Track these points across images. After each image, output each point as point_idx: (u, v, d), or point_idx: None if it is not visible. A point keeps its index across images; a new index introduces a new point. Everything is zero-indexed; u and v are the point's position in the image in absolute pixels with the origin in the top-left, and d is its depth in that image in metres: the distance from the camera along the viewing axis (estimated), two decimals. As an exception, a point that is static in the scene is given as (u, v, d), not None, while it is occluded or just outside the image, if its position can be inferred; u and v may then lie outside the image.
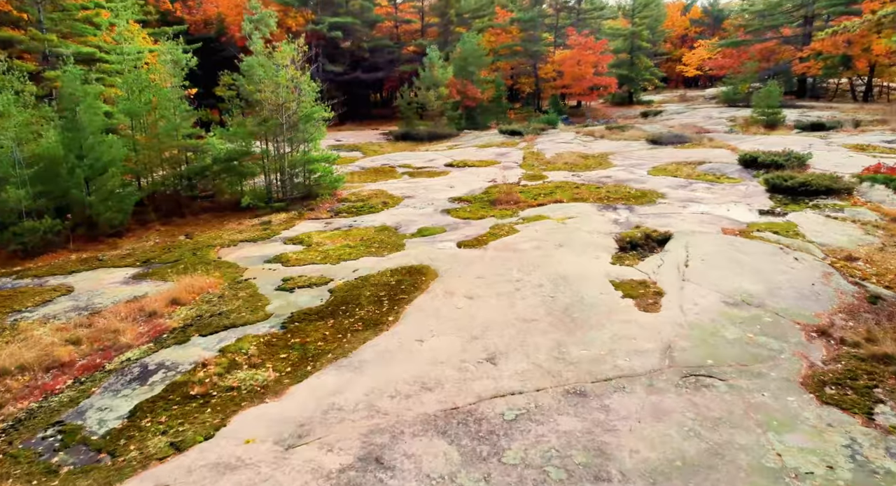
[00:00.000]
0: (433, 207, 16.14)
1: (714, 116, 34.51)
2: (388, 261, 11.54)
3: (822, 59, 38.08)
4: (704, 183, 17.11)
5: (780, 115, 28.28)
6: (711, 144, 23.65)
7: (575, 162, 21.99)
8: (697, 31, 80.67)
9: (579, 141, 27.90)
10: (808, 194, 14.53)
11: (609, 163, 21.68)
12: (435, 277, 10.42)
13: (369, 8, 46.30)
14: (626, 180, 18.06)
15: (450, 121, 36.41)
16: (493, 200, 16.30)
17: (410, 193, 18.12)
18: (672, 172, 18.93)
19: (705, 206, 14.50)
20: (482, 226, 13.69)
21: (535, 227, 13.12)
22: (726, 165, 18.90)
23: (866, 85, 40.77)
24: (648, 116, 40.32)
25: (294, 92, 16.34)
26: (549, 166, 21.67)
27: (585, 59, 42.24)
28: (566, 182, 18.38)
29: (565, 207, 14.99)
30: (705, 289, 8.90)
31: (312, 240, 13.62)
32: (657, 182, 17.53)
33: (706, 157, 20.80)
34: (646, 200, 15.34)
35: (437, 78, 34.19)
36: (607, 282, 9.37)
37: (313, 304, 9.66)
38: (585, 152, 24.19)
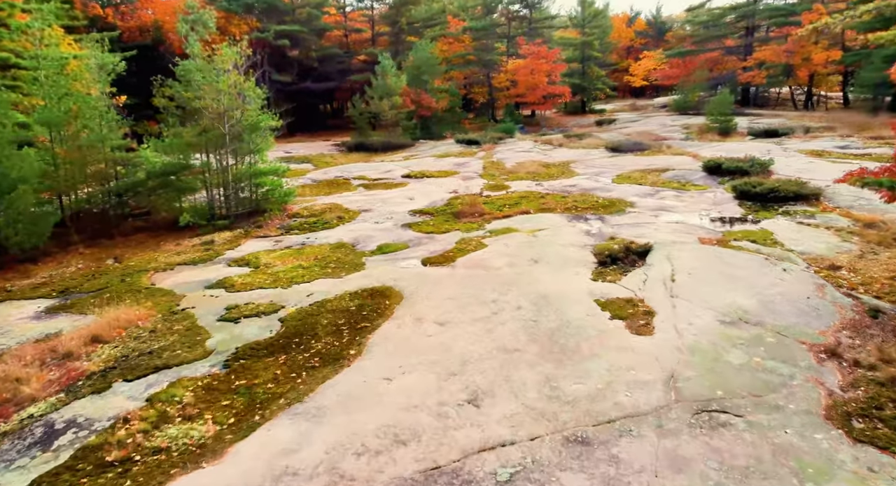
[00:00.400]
0: (393, 221, 15.09)
1: (668, 124, 34.72)
2: (346, 283, 10.42)
3: (765, 68, 39.06)
4: (672, 191, 16.67)
5: (732, 122, 28.54)
6: (671, 152, 23.48)
7: (537, 171, 21.35)
8: (642, 42, 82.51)
9: (539, 150, 27.39)
10: (777, 201, 14.19)
11: (572, 171, 21.13)
12: (400, 300, 9.38)
13: (317, 16, 45.05)
14: (592, 189, 17.47)
15: (405, 131, 35.46)
16: (457, 213, 15.38)
17: (368, 206, 17.02)
18: (637, 179, 18.48)
19: (677, 214, 13.98)
20: (448, 241, 12.73)
21: (505, 241, 12.24)
22: (691, 173, 18.58)
23: (807, 94, 42.03)
24: (603, 124, 40.40)
25: (238, 99, 15.05)
26: (510, 176, 20.95)
27: (539, 68, 42.12)
28: (531, 192, 17.65)
29: (534, 219, 14.20)
30: (698, 306, 8.16)
31: (261, 261, 12.35)
32: (624, 190, 16.99)
33: (669, 164, 20.50)
34: (615, 210, 14.72)
35: (391, 87, 33.24)
36: (592, 301, 8.53)
37: (262, 336, 8.46)
38: (546, 161, 23.63)
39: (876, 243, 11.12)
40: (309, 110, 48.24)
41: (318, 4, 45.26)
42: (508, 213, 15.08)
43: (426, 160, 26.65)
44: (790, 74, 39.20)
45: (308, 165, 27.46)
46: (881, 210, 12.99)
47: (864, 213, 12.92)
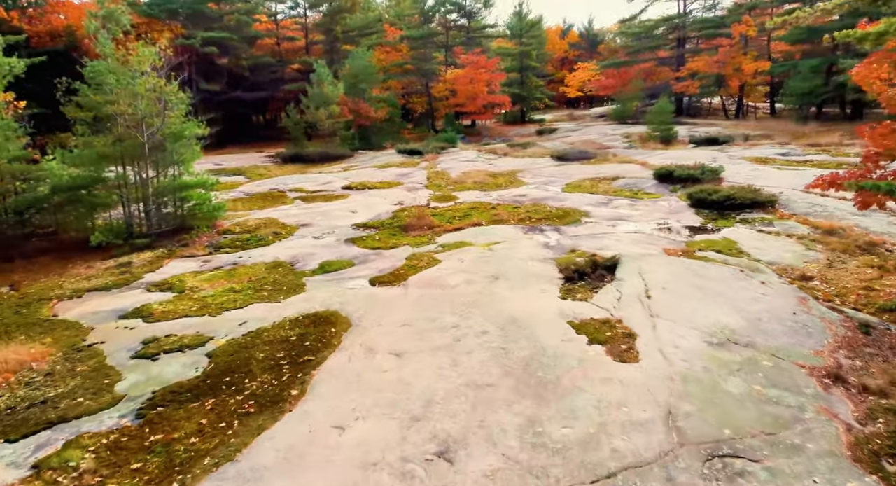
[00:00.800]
0: (335, 236, 13.91)
1: (608, 133, 35.01)
2: (285, 308, 9.21)
3: (698, 78, 40.27)
4: (625, 199, 16.27)
5: (673, 130, 28.95)
6: (618, 160, 23.35)
7: (484, 181, 20.64)
8: (576, 54, 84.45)
9: (483, 159, 26.78)
10: (734, 208, 13.96)
11: (520, 181, 20.54)
12: (348, 326, 8.28)
13: (247, 23, 43.15)
14: (544, 199, 16.87)
15: (343, 141, 34.17)
16: (404, 226, 14.36)
17: (307, 220, 15.75)
18: (588, 188, 18.04)
19: (634, 224, 13.49)
20: (397, 257, 11.69)
21: (460, 256, 11.32)
22: (642, 181, 18.32)
23: (737, 104, 43.65)
24: (544, 133, 40.44)
25: (158, 104, 13.52)
26: (457, 186, 20.13)
27: (479, 78, 41.83)
28: (480, 203, 16.86)
29: (487, 231, 13.37)
30: (681, 326, 7.47)
31: (186, 284, 10.91)
32: (576, 200, 16.47)
33: (618, 172, 20.23)
34: (571, 220, 14.10)
35: (328, 95, 31.94)
36: (565, 323, 7.69)
37: (185, 375, 7.18)
38: (493, 171, 22.98)
39: (840, 251, 10.89)
40: (241, 121, 46.14)
41: (247, 11, 43.41)
42: (460, 225, 14.20)
43: (367, 171, 25.51)
44: (722, 85, 40.58)
45: (240, 177, 25.77)
46: (837, 217, 12.94)
47: (822, 220, 12.80)
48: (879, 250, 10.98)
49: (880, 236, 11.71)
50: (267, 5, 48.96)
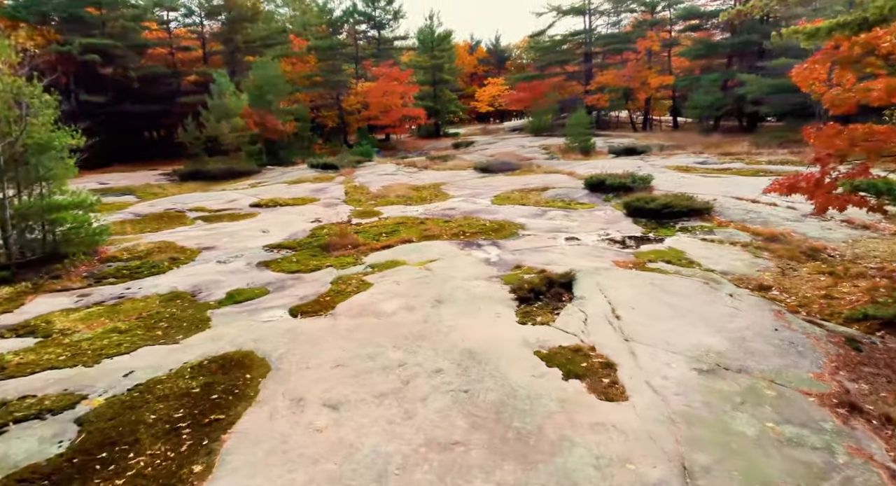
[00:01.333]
0: (245, 259, 12.13)
1: (527, 145, 34.91)
2: (186, 350, 7.49)
3: (608, 91, 41.42)
4: (559, 210, 15.56)
5: (591, 141, 29.12)
6: (543, 171, 22.88)
7: (408, 195, 19.40)
8: (485, 69, 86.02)
9: (404, 172, 25.57)
10: (672, 216, 13.55)
11: (445, 194, 19.48)
12: (266, 371, 6.73)
13: (134, 30, 39.77)
14: (475, 212, 15.86)
15: (249, 156, 31.86)
16: (326, 245, 12.81)
17: (211, 242, 13.80)
18: (518, 200, 17.25)
19: (575, 235, 12.73)
20: (320, 281, 10.17)
21: (393, 277, 9.98)
22: (572, 191, 17.76)
23: (644, 117, 45.32)
24: (461, 147, 39.92)
25: (15, 109, 11.25)
26: (379, 201, 18.76)
27: (392, 90, 40.83)
28: (407, 218, 15.59)
29: (420, 248, 12.10)
30: (661, 351, 6.52)
31: (54, 326, 8.83)
32: (509, 212, 15.58)
33: (546, 183, 19.65)
34: (507, 233, 13.13)
35: (230, 107, 29.64)
36: (532, 354, 6.55)
37: (44, 454, 5.40)
38: (415, 184, 21.81)
39: (788, 257, 10.54)
40: (131, 137, 42.46)
41: (134, 18, 40.01)
42: (388, 242, 12.85)
43: (277, 187, 23.57)
44: (630, 98, 41.94)
45: (130, 196, 23.07)
46: (773, 223, 12.79)
47: (759, 226, 12.57)
48: (823, 256, 10.75)
49: (819, 242, 11.56)
50: (158, 13, 45.61)
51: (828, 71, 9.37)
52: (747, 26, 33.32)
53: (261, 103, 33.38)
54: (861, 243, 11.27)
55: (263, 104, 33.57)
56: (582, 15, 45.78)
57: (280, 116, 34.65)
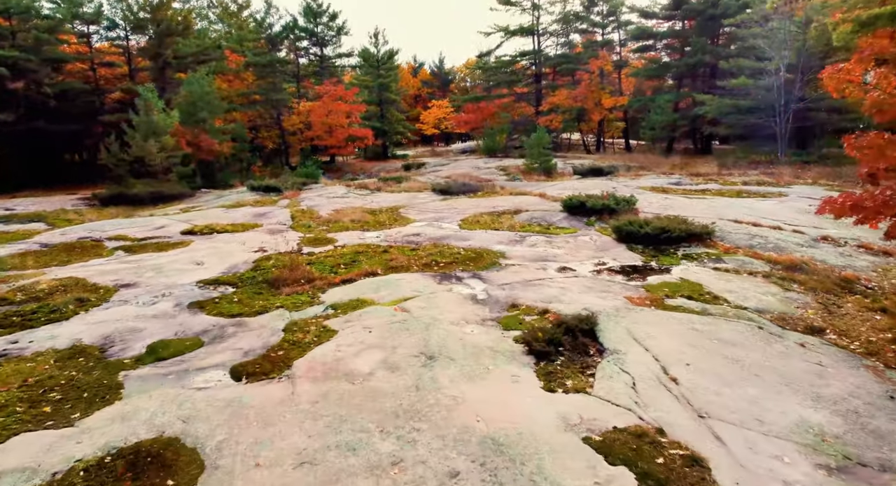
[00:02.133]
0: (173, 299, 9.96)
1: (481, 167, 33.67)
2: (81, 439, 5.40)
3: (561, 112, 40.93)
4: (539, 236, 14.06)
5: (552, 162, 28.10)
6: (508, 192, 21.47)
7: (363, 219, 17.52)
8: (429, 91, 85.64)
9: (355, 195, 23.65)
10: (670, 242, 12.23)
11: (406, 218, 17.71)
12: (199, 472, 4.76)
13: (49, 42, 36.47)
14: (443, 238, 14.17)
15: (181, 179, 29.20)
16: (273, 280, 10.79)
17: (131, 278, 11.51)
18: (489, 224, 15.68)
19: (566, 265, 11.22)
20: (269, 328, 8.18)
21: (363, 321, 8.11)
22: (549, 214, 16.34)
23: (597, 138, 45.09)
24: (412, 168, 38.37)
25: None
26: (332, 226, 16.80)
27: (337, 109, 39.00)
28: (367, 245, 13.73)
29: (388, 282, 10.27)
30: (759, 436, 4.94)
31: None
32: (483, 238, 13.98)
33: (516, 205, 18.20)
34: (488, 263, 11.49)
35: (158, 125, 27.05)
36: (579, 443, 4.82)
37: None
38: (371, 207, 19.96)
39: (822, 291, 9.29)
40: (47, 158, 38.83)
41: (49, 29, 36.73)
42: (348, 275, 10.95)
43: (214, 212, 21.20)
44: (582, 119, 41.59)
45: (39, 224, 20.18)
46: (786, 249, 11.67)
47: (772, 253, 11.38)
48: (860, 288, 9.55)
49: (848, 271, 10.37)
50: (78, 27, 42.31)
51: (862, 73, 8.30)
52: (700, 47, 33.57)
53: (193, 122, 30.87)
54: (892, 273, 10.21)
55: (196, 122, 31.08)
56: (531, 35, 45.54)
57: (215, 136, 32.17)
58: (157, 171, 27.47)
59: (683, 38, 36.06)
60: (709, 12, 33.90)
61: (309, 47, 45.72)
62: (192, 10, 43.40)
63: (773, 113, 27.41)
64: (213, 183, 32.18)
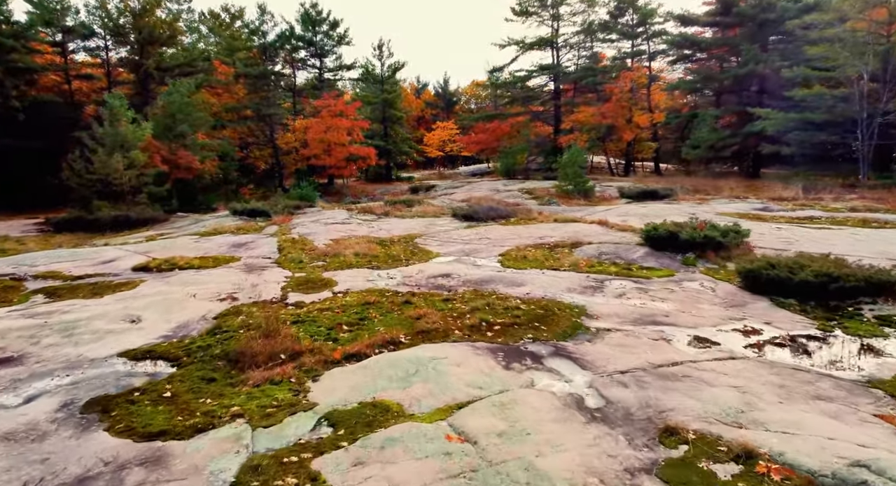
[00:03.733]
0: (65, 391, 6.10)
1: (501, 190, 30.03)
2: None
3: (585, 131, 37.25)
4: (622, 280, 10.20)
5: (589, 184, 24.42)
6: (552, 219, 17.63)
7: (371, 252, 13.72)
8: (433, 112, 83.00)
9: (359, 220, 19.87)
10: (843, 295, 8.38)
11: (426, 250, 13.91)
12: None
13: (14, 49, 33.23)
14: (485, 281, 10.35)
15: (155, 200, 25.54)
16: (237, 354, 6.93)
17: (20, 346, 7.64)
18: (543, 262, 11.86)
19: (696, 333, 7.38)
20: (203, 478, 4.31)
21: (389, 469, 4.25)
22: (622, 248, 12.53)
23: (626, 160, 41.22)
24: (420, 192, 34.77)
25: None
26: (330, 262, 12.96)
27: (336, 125, 35.54)
28: (379, 291, 9.90)
29: (421, 364, 6.38)
30: None
31: None
32: (542, 282, 10.15)
33: (570, 235, 14.41)
34: (568, 327, 7.67)
35: (126, 137, 23.44)
36: None
37: None
38: (378, 236, 16.19)
39: None
40: (14, 178, 35.35)
41: (14, 35, 33.56)
42: (355, 347, 7.08)
43: (183, 240, 17.41)
44: (607, 139, 37.95)
45: (-39, 256, 16.38)
46: None
47: None
48: None
49: None
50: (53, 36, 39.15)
51: None
52: (752, 55, 30.17)
53: (172, 136, 27.33)
54: None
55: (175, 136, 27.53)
56: (550, 48, 42.38)
57: (197, 152, 28.58)
58: (125, 191, 23.76)
59: (732, 46, 32.74)
60: (761, 17, 30.63)
61: (307, 59, 42.43)
62: (178, 19, 40.19)
63: (853, 128, 23.95)
64: (193, 206, 28.54)
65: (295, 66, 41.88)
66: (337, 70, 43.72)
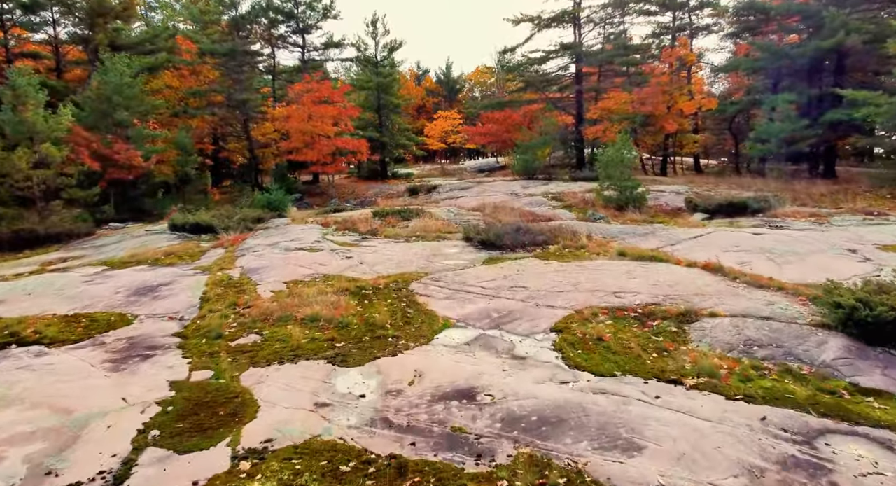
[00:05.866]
0: None
1: (520, 193, 24.74)
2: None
3: (616, 120, 31.72)
4: (850, 438, 5.07)
5: (639, 189, 19.08)
6: (621, 252, 12.17)
7: (338, 315, 8.47)
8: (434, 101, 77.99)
9: (334, 245, 14.60)
10: None
11: (430, 312, 8.64)
12: None
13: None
14: (547, 422, 5.18)
15: (84, 207, 20.36)
16: None
17: None
18: (636, 354, 6.59)
19: None
20: None
21: None
22: (787, 333, 6.96)
23: (663, 155, 35.47)
24: (420, 193, 29.55)
25: None
26: (268, 338, 7.71)
27: (321, 113, 30.27)
28: (328, 449, 4.78)
29: None
30: None
31: None
32: (666, 434, 5.02)
33: (669, 291, 9.05)
34: None
35: (37, 126, 18.20)
36: None
37: None
38: (356, 276, 10.94)
39: None
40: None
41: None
42: None
43: (70, 277, 12.18)
44: (645, 129, 32.33)
45: None
46: None
47: None
48: None
49: None
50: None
51: None
52: (840, 23, 24.65)
53: (106, 124, 22.09)
54: None
55: (111, 126, 22.30)
56: (572, 23, 36.93)
57: (142, 145, 23.29)
58: (34, 195, 18.53)
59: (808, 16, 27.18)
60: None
61: (287, 35, 36.86)
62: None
63: None
64: (138, 213, 23.36)
65: (274, 45, 36.50)
66: (323, 49, 38.12)
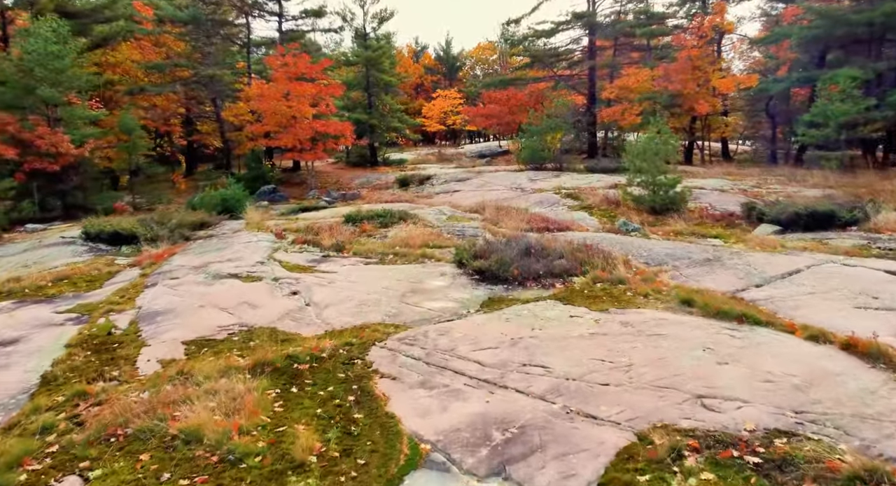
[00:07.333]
0: None
1: (526, 188, 21.19)
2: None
3: (638, 101, 27.94)
4: None
5: (677, 188, 15.37)
6: (689, 301, 8.57)
7: (246, 408, 5.03)
8: (433, 79, 74.22)
9: (283, 264, 11.02)
10: None
11: (391, 420, 5.14)
12: None
13: None
14: None
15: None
16: None
17: None
18: None
19: None
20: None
21: None
22: None
23: (689, 141, 31.48)
24: (410, 185, 26.02)
25: None
26: (103, 466, 4.36)
27: (299, 91, 26.59)
28: None
29: None
30: None
31: None
32: None
33: (801, 396, 5.56)
34: None
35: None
36: None
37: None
38: (293, 330, 7.48)
39: None
40: None
41: None
42: None
43: None
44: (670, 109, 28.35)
45: None
46: None
47: None
48: None
49: None
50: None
51: None
52: None
53: (26, 102, 18.49)
54: None
55: (33, 104, 18.69)
56: (585, -10, 33.08)
57: (74, 130, 19.68)
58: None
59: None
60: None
61: (264, 2, 32.99)
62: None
63: None
64: (74, 209, 19.83)
65: (248, 13, 32.67)
66: (302, 18, 34.10)
